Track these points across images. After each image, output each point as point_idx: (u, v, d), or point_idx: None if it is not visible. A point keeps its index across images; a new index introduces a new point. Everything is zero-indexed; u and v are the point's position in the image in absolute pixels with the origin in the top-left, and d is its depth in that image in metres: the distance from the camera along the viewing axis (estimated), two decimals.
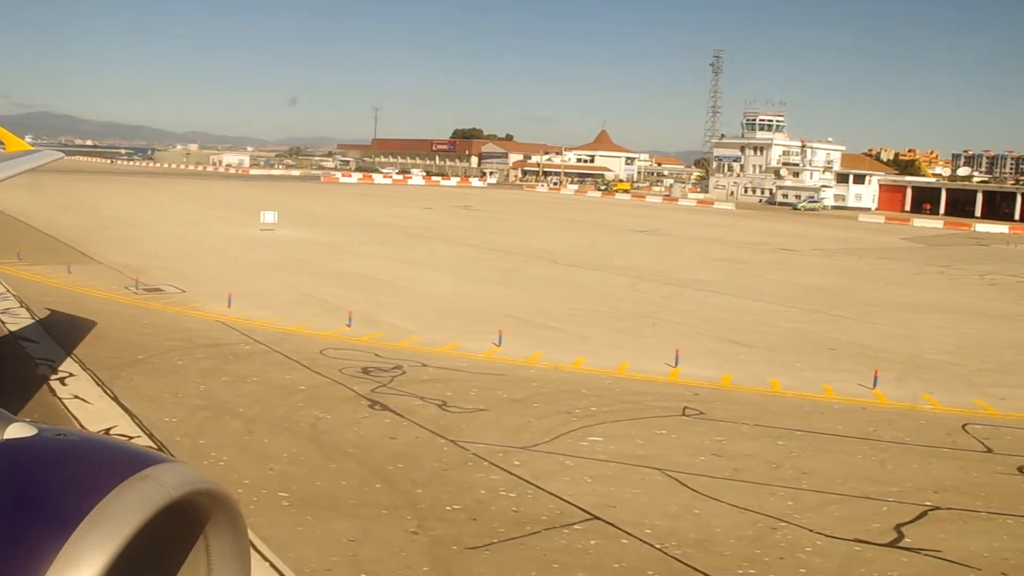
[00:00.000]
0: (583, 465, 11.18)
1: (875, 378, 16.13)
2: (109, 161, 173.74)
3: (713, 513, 9.83)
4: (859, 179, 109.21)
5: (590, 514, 9.61)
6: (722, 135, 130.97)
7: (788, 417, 13.96)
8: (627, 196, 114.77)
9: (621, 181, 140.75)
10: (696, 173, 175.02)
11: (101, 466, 1.71)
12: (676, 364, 16.83)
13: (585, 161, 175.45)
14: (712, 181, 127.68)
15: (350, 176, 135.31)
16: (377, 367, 15.59)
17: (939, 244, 58.22)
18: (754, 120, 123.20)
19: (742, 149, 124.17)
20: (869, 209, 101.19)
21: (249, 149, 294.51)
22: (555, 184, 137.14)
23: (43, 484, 1.67)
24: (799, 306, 25.93)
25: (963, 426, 13.89)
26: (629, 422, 13.14)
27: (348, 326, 18.79)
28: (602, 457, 11.50)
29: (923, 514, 10.13)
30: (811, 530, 9.43)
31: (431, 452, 11.45)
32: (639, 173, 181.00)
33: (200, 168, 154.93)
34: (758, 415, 13.96)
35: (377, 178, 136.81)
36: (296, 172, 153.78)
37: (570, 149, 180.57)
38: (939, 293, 31.43)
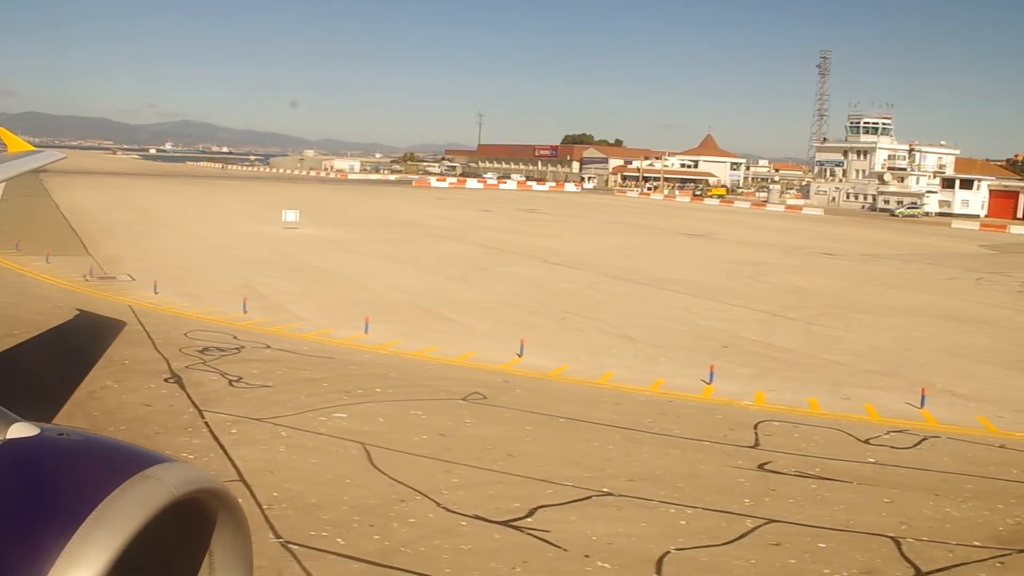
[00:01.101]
0: (294, 436, 11.50)
1: (711, 373, 15.61)
2: (220, 166, 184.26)
3: (360, 483, 9.96)
4: (966, 184, 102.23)
5: (240, 477, 9.93)
6: (824, 139, 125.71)
7: (572, 405, 13.77)
8: (716, 201, 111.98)
9: (718, 186, 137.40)
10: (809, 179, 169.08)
11: (103, 465, 1.71)
12: (521, 355, 16.79)
13: (688, 166, 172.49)
14: (813, 187, 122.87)
15: (444, 181, 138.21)
16: (220, 347, 16.33)
17: (1016, 252, 54.30)
18: (858, 123, 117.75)
19: (845, 153, 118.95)
20: (977, 216, 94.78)
21: (377, 155, 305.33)
22: (650, 188, 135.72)
23: (46, 483, 1.67)
24: (757, 307, 25.08)
25: (756, 424, 13.28)
26: (398, 403, 13.31)
27: (244, 312, 19.63)
28: (321, 431, 11.77)
29: (586, 498, 9.91)
30: (438, 503, 9.43)
31: (165, 419, 12.04)
32: (746, 179, 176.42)
33: (308, 173, 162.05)
34: (543, 402, 13.84)
35: (471, 183, 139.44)
36: (392, 177, 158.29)
37: (674, 154, 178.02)
38: (938, 298, 29.49)
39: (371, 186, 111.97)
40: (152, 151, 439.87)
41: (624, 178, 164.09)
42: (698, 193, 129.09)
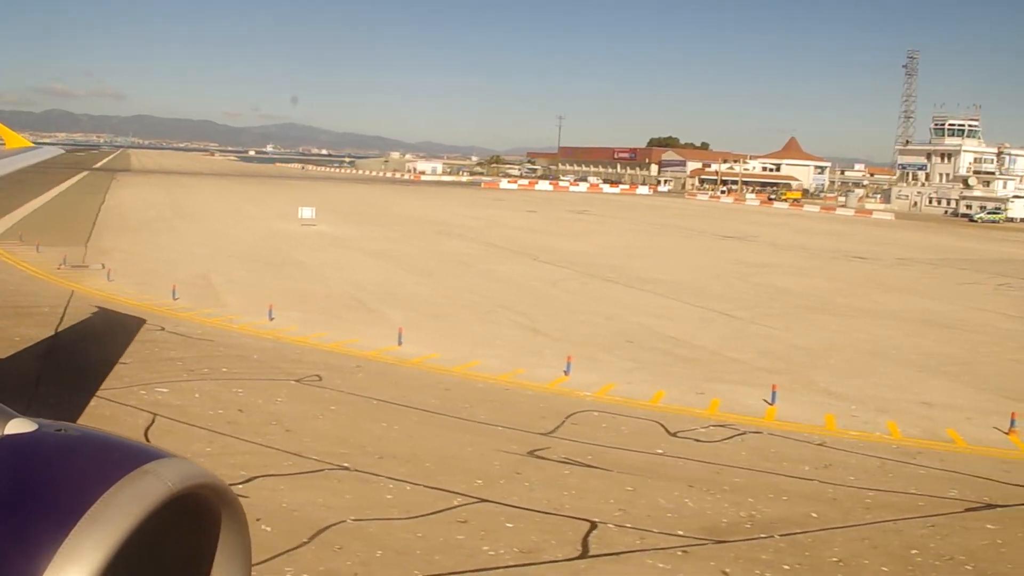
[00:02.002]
0: (101, 406, 12.22)
1: (568, 364, 15.63)
2: (301, 167, 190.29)
3: None
4: None
5: None
6: (907, 141, 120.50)
7: (399, 389, 14.10)
8: (786, 205, 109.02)
9: (793, 190, 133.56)
10: None
11: (101, 461, 1.72)
12: (399, 343, 17.18)
13: (770, 170, 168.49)
14: (894, 191, 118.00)
15: (515, 183, 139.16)
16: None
17: None
18: (943, 124, 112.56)
19: (928, 156, 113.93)
20: None
21: (473, 158, 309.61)
22: (723, 191, 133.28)
23: (43, 479, 1.67)
24: (714, 306, 24.72)
25: (571, 414, 13.30)
26: (230, 381, 13.94)
27: (173, 299, 20.67)
28: (130, 403, 12.47)
29: (317, 471, 10.26)
30: None
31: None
32: (832, 183, 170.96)
33: (389, 174, 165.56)
34: (373, 386, 14.22)
35: (542, 185, 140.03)
36: (465, 179, 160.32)
37: (755, 157, 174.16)
38: (933, 302, 28.13)
39: (437, 187, 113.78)
40: (251, 152, 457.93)
41: (702, 181, 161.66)
42: (772, 197, 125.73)
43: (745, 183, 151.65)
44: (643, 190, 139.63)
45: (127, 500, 1.57)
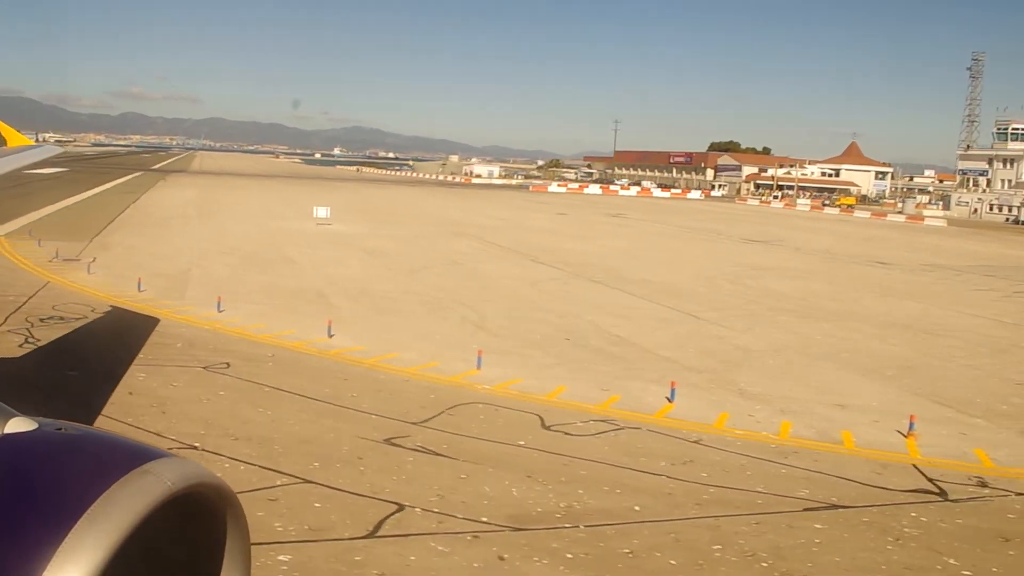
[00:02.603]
0: None
1: (478, 358, 15.80)
2: (356, 170, 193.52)
3: None
4: None
5: None
6: (967, 146, 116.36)
7: (297, 378, 14.49)
8: (836, 211, 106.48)
9: (847, 196, 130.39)
10: None
11: (101, 461, 1.71)
12: (329, 335, 17.59)
13: (829, 175, 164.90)
14: (954, 197, 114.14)
15: (564, 187, 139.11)
16: (63, 316, 18.15)
17: None
18: (1006, 129, 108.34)
19: (989, 162, 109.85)
20: None
21: (539, 162, 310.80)
22: (776, 196, 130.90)
23: (43, 479, 1.66)
24: (684, 307, 24.49)
25: (455, 405, 13.48)
26: (140, 366, 14.45)
27: (139, 291, 21.49)
28: (38, 382, 13.11)
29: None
30: None
31: None
32: (893, 189, 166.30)
33: (445, 177, 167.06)
34: (276, 375, 14.63)
35: (592, 188, 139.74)
36: (514, 182, 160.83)
37: (814, 162, 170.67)
38: (930, 307, 27.30)
39: (483, 190, 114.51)
40: (318, 156, 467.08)
41: (757, 186, 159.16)
42: (826, 203, 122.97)
43: (802, 188, 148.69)
44: (695, 195, 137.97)
45: (127, 499, 1.57)
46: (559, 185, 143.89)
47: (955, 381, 17.39)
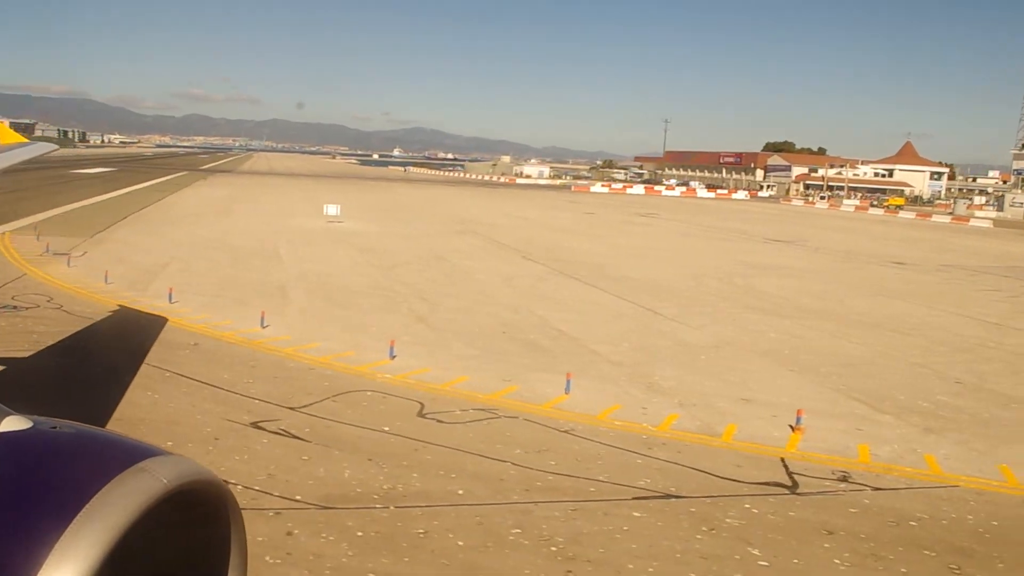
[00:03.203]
0: None
1: (390, 348, 16.02)
2: (404, 170, 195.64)
3: None
4: None
5: None
6: (1023, 145, 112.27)
7: (208, 366, 14.86)
8: (881, 212, 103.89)
9: (896, 197, 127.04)
10: None
11: (97, 459, 1.73)
12: (262, 325, 18.01)
13: (882, 175, 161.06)
14: (1008, 198, 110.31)
15: (608, 187, 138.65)
16: (16, 306, 18.91)
17: None
18: None
19: None
20: None
21: (599, 163, 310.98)
22: (823, 197, 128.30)
23: (39, 477, 1.67)
24: (651, 304, 24.31)
25: (340, 393, 13.72)
26: (58, 348, 15.08)
27: (105, 283, 22.25)
28: None
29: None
30: None
31: None
32: (948, 190, 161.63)
33: (494, 178, 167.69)
34: (187, 362, 15.03)
35: (636, 188, 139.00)
36: (558, 182, 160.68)
37: (867, 163, 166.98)
38: (915, 307, 26.58)
39: (522, 190, 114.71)
40: (375, 156, 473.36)
41: (807, 187, 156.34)
42: (875, 203, 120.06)
43: (853, 189, 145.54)
44: (741, 195, 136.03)
45: (123, 497, 1.58)
46: (603, 185, 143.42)
47: (890, 379, 16.97)
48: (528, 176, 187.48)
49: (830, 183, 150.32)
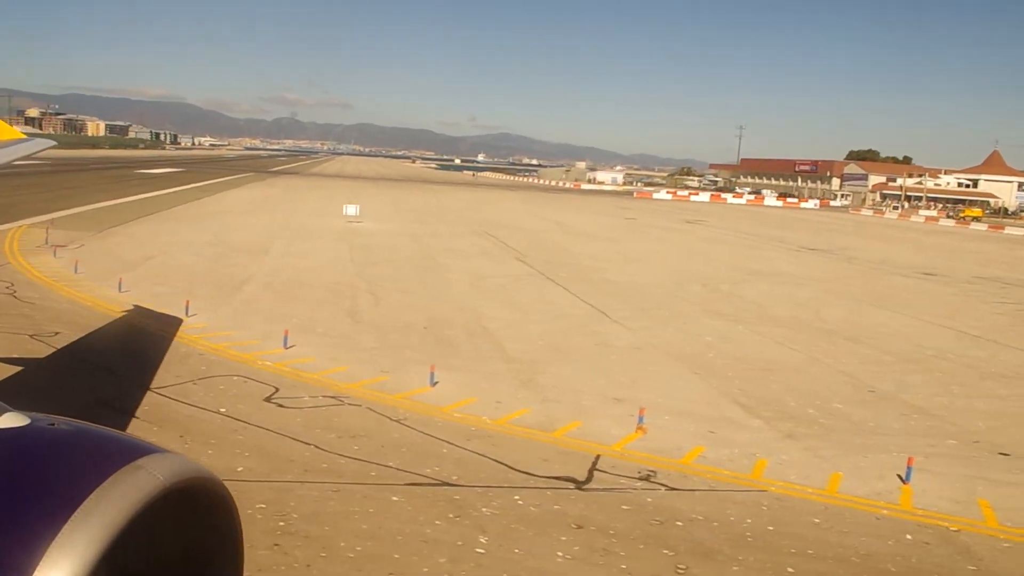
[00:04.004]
0: None
1: (284, 337, 16.49)
2: (471, 175, 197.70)
3: None
4: None
5: None
6: None
7: (110, 351, 15.64)
8: (951, 223, 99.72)
9: (973, 208, 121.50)
10: None
11: (94, 456, 1.73)
12: (187, 314, 18.77)
13: (966, 186, 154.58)
14: None
15: (672, 194, 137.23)
16: None
17: None
18: None
19: None
20: None
21: (673, 171, 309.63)
22: (895, 207, 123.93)
23: (36, 474, 1.68)
24: (611, 305, 24.11)
25: (207, 377, 14.23)
26: None
27: (75, 273, 23.47)
28: None
29: None
30: None
31: None
32: None
33: (553, 183, 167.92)
34: (92, 347, 15.85)
35: (702, 196, 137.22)
36: (621, 189, 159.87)
37: (951, 172, 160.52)
38: (904, 318, 25.62)
39: (579, 195, 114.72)
40: (457, 161, 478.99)
41: (883, 196, 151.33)
42: (951, 215, 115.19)
43: (933, 199, 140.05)
44: (810, 204, 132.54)
45: (120, 495, 1.59)
46: (668, 192, 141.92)
47: (799, 385, 16.53)
48: (601, 182, 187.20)
49: (908, 193, 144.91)
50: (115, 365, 14.60)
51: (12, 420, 1.81)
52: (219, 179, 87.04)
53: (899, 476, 11.56)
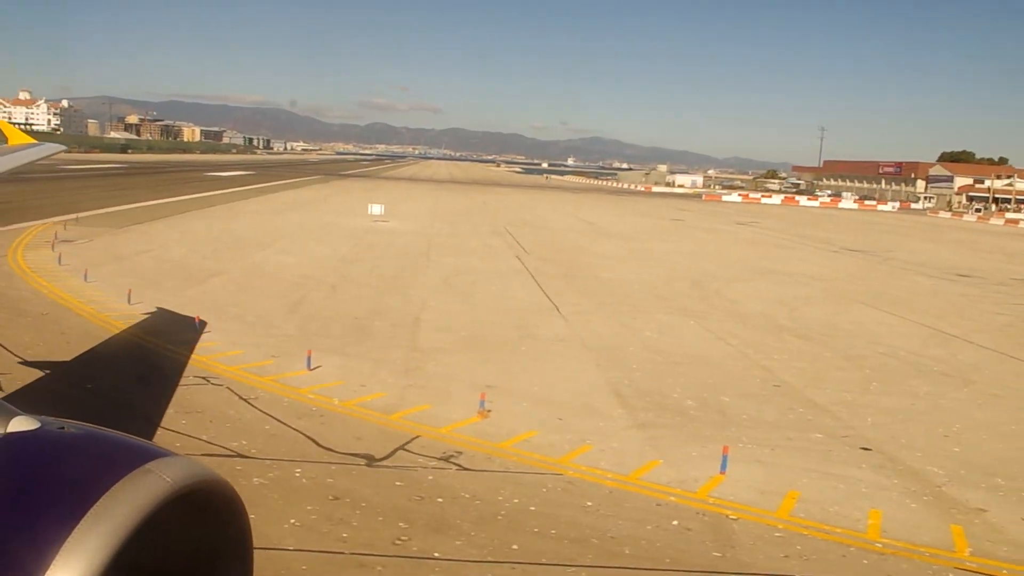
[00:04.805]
0: None
1: (196, 322, 17.24)
2: (544, 177, 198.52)
3: None
4: None
5: None
6: None
7: (41, 335, 16.68)
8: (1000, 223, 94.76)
9: None
10: None
11: (104, 460, 1.76)
12: (128, 302, 19.77)
13: None
14: None
15: (745, 197, 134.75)
16: None
17: None
18: None
19: None
20: None
21: (782, 174, 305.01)
22: (976, 210, 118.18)
23: (46, 477, 1.70)
24: (584, 305, 24.14)
25: (86, 351, 15.07)
26: None
27: (59, 264, 24.91)
28: None
29: None
30: None
31: None
32: None
33: (624, 186, 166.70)
34: (32, 332, 16.93)
35: (773, 199, 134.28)
36: (691, 191, 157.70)
37: None
38: (895, 319, 24.83)
39: (642, 197, 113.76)
40: (544, 165, 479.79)
41: (970, 199, 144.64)
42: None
43: (1020, 202, 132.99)
44: (887, 207, 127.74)
45: (130, 498, 1.63)
46: (740, 195, 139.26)
47: (700, 379, 16.20)
48: (681, 185, 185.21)
49: (996, 195, 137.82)
50: (21, 338, 15.54)
51: (22, 424, 1.80)
52: (283, 181, 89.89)
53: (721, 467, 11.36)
